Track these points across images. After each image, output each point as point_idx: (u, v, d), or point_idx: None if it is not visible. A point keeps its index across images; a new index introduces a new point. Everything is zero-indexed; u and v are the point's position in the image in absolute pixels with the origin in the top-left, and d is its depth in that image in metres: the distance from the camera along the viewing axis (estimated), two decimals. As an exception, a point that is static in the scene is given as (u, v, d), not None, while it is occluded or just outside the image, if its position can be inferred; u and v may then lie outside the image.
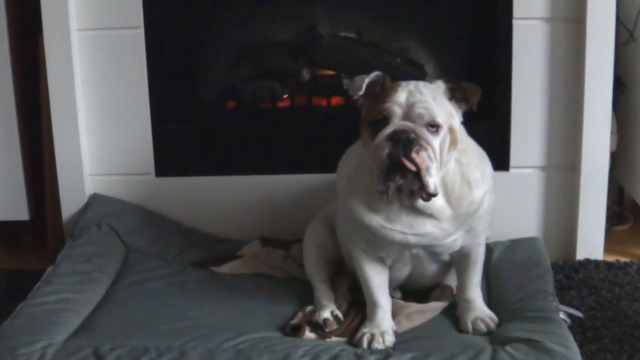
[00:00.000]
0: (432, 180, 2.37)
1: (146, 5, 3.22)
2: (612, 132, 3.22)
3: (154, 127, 3.33)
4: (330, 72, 3.52)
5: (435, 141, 2.38)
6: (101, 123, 3.34)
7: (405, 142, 2.34)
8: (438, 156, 2.38)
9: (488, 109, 3.07)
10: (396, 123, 2.39)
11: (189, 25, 3.38)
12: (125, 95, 3.31)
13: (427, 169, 2.35)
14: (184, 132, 3.38)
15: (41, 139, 3.49)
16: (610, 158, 3.23)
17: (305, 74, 3.49)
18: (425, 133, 2.37)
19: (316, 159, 3.21)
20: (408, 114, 2.39)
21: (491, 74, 3.20)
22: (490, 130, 3.19)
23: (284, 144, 3.35)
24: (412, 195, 2.45)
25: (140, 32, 3.25)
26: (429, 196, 2.40)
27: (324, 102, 3.44)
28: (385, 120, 2.40)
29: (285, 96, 3.48)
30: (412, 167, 2.34)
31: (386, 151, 2.35)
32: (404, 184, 2.39)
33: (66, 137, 3.30)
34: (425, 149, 2.35)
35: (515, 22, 3.14)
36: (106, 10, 3.24)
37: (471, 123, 2.60)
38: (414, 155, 2.34)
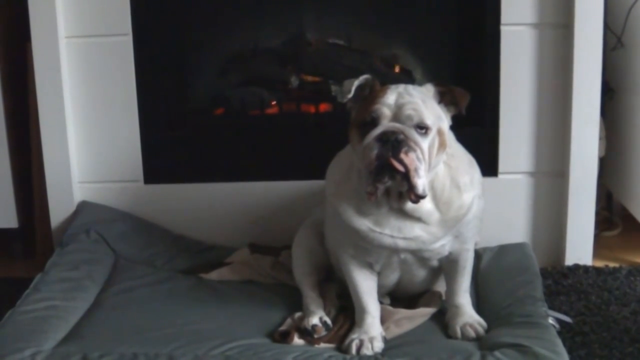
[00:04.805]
0: (421, 182, 2.37)
1: (134, 12, 3.22)
2: (600, 138, 3.23)
3: (142, 134, 3.32)
4: (319, 79, 3.52)
5: (424, 143, 2.38)
6: (90, 130, 3.34)
7: (394, 143, 2.34)
8: (427, 157, 2.38)
9: (476, 115, 3.06)
10: (385, 124, 2.39)
11: (178, 32, 3.38)
12: (113, 102, 3.30)
13: (416, 170, 2.35)
14: (173, 139, 3.38)
15: (30, 146, 3.48)
16: (598, 163, 3.24)
17: (294, 81, 3.49)
18: (414, 134, 2.37)
19: (305, 165, 3.23)
20: (397, 116, 2.39)
21: (479, 80, 3.20)
22: (479, 136, 3.19)
23: (272, 151, 3.35)
24: (401, 197, 2.44)
25: (129, 39, 3.25)
26: (418, 198, 2.40)
27: (312, 109, 3.44)
28: (374, 121, 2.40)
29: (274, 103, 3.49)
30: (401, 168, 2.34)
31: (375, 152, 2.35)
32: (393, 185, 2.39)
33: (55, 144, 3.30)
34: (414, 150, 2.35)
35: (503, 28, 3.15)
36: (94, 17, 3.23)
37: (460, 129, 2.61)
38: (402, 155, 2.34)
